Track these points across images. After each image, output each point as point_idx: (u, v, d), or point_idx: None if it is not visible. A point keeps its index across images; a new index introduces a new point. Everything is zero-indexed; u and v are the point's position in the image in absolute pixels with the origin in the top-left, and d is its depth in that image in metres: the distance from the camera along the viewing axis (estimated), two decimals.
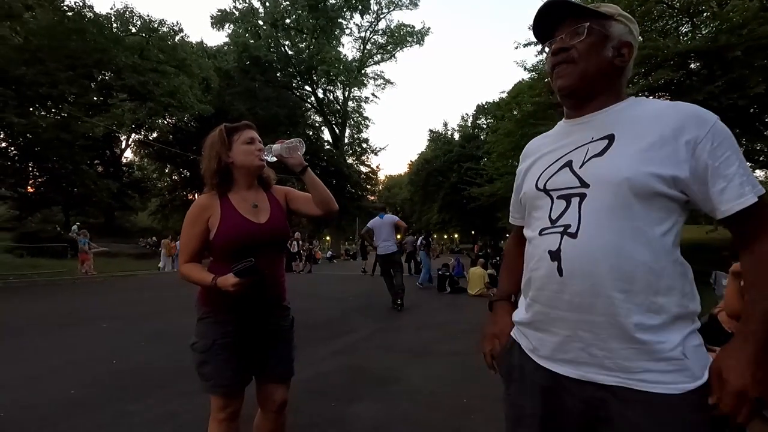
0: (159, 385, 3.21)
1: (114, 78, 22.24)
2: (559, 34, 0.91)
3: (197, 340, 1.53)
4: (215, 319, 1.53)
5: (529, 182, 0.97)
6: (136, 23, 24.41)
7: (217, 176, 1.56)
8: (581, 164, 0.86)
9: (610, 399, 0.79)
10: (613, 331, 0.78)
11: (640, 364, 0.77)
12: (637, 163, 0.79)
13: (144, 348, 4.36)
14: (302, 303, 7.92)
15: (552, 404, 0.88)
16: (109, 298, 8.38)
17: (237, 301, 1.47)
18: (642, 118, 0.85)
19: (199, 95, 24.47)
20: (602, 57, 0.88)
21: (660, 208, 0.80)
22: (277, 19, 30.62)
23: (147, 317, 6.16)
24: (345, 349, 4.44)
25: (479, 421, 2.68)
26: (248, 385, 1.64)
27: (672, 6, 11.50)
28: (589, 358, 0.81)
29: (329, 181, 32.71)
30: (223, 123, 1.66)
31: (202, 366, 1.52)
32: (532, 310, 0.92)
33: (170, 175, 34.11)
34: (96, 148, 24.28)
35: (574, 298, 0.81)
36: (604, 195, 0.81)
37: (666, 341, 0.77)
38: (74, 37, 18.65)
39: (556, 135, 1.01)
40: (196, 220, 1.53)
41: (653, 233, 0.79)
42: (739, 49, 8.56)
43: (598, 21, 0.88)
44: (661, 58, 9.81)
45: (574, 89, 0.91)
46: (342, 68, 32.54)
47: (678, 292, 0.80)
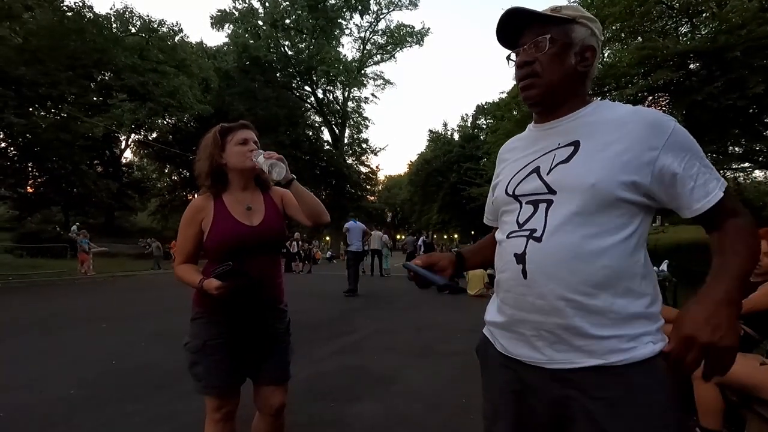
0: (158, 386, 3.21)
1: (114, 78, 22.26)
2: (523, 42, 0.91)
3: (189, 340, 1.53)
4: (208, 320, 1.52)
5: (500, 187, 1.00)
6: (135, 23, 24.43)
7: (210, 178, 1.55)
8: (548, 171, 0.89)
9: (573, 396, 0.81)
10: (574, 333, 0.81)
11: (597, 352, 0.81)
12: (602, 170, 0.82)
13: (143, 348, 4.36)
14: (302, 303, 7.92)
15: (522, 406, 0.90)
16: (108, 299, 8.38)
17: (227, 302, 1.45)
18: (605, 124, 0.87)
19: (198, 95, 24.48)
20: (566, 66, 0.89)
21: (623, 213, 0.83)
22: (277, 19, 30.61)
23: (146, 317, 6.16)
24: (345, 349, 4.44)
25: (479, 421, 2.67)
26: (248, 386, 1.64)
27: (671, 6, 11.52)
28: (554, 353, 0.84)
29: (329, 182, 32.75)
30: (221, 123, 1.65)
31: (193, 366, 1.52)
32: (501, 312, 0.94)
33: (170, 175, 34.10)
34: (96, 149, 24.29)
35: (537, 300, 0.84)
36: (570, 201, 0.83)
37: (624, 335, 0.80)
38: (74, 38, 18.66)
39: (525, 139, 1.03)
40: (190, 221, 1.53)
41: (616, 237, 0.82)
42: (738, 49, 8.57)
43: (560, 27, 0.89)
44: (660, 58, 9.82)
45: (539, 100, 0.93)
46: (342, 68, 32.53)
47: (639, 294, 0.83)
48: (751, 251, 0.80)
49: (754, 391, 1.79)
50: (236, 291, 1.41)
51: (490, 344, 1.02)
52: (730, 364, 0.72)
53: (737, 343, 0.72)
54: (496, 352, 0.97)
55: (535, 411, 0.88)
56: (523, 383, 0.89)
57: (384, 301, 8.24)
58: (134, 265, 16.70)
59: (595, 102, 0.93)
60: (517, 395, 0.91)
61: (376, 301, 8.25)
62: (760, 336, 2.10)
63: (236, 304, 1.49)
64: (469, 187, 22.66)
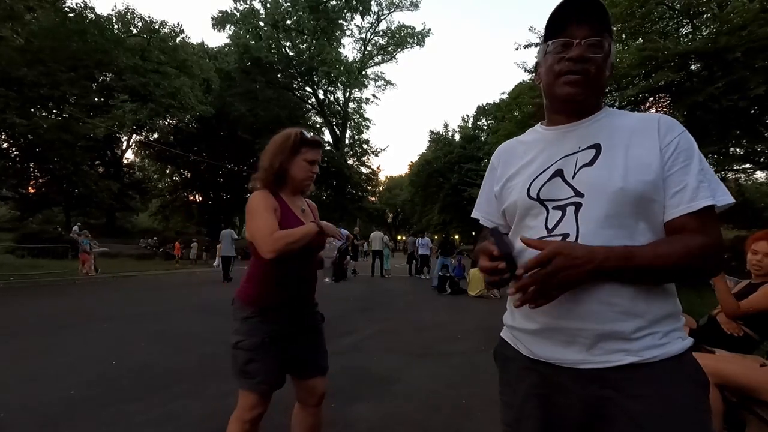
0: (160, 386, 3.21)
1: (115, 79, 22.32)
2: (581, 36, 0.87)
3: (243, 339, 1.55)
4: (262, 318, 1.57)
5: (517, 190, 0.96)
6: (137, 24, 24.51)
7: (273, 176, 1.61)
8: (573, 174, 0.88)
9: (610, 396, 0.80)
10: (614, 337, 0.81)
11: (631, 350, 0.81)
12: (628, 172, 0.83)
13: (145, 348, 4.37)
14: None
15: (549, 410, 0.88)
16: (109, 299, 8.39)
17: (284, 298, 1.58)
18: (621, 129, 0.89)
19: (200, 96, 24.55)
20: (605, 74, 0.91)
21: (651, 214, 0.84)
22: (278, 20, 30.69)
23: (148, 317, 6.16)
24: (345, 349, 4.44)
25: (480, 422, 2.68)
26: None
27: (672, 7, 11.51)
28: (588, 355, 0.83)
29: (330, 182, 32.76)
30: (301, 130, 1.66)
31: (248, 363, 1.54)
32: (531, 319, 0.91)
33: (171, 176, 34.17)
34: (97, 149, 24.35)
35: (575, 307, 0.82)
36: (600, 204, 0.83)
37: (657, 332, 0.81)
38: (75, 39, 18.72)
39: (536, 141, 1.01)
40: (269, 207, 1.54)
41: (647, 238, 0.83)
42: (739, 50, 8.56)
43: (608, 35, 0.88)
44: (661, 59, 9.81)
45: (581, 99, 0.91)
46: (343, 69, 32.62)
47: (671, 293, 0.85)
48: (684, 258, 0.79)
49: (754, 393, 1.78)
50: (343, 252, 1.52)
51: (510, 347, 0.99)
52: (556, 295, 0.79)
53: (576, 285, 0.78)
54: (519, 356, 0.95)
55: (565, 414, 0.85)
56: (552, 386, 0.87)
57: (384, 302, 8.23)
58: (136, 265, 16.72)
59: (606, 108, 0.95)
60: (543, 399, 0.88)
61: (377, 302, 8.24)
62: (760, 337, 2.10)
63: (291, 299, 1.60)
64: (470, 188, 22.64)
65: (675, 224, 0.83)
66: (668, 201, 0.83)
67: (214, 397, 2.98)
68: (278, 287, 1.58)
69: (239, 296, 1.62)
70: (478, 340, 4.92)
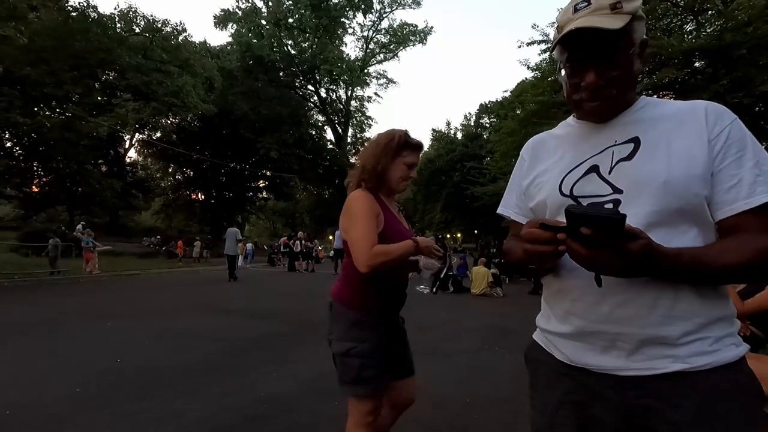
0: (164, 384, 3.22)
1: (118, 78, 22.36)
2: (593, 62, 0.80)
3: (355, 345, 1.50)
4: (372, 323, 1.54)
5: (548, 187, 0.90)
6: (139, 23, 24.51)
7: (374, 177, 1.59)
8: (610, 169, 0.82)
9: (652, 406, 0.75)
10: (658, 342, 0.76)
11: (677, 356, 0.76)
12: (670, 166, 0.77)
13: (149, 347, 4.38)
14: (306, 302, 7.94)
15: (585, 418, 0.83)
16: (113, 297, 8.42)
17: (386, 303, 1.59)
18: (661, 120, 0.83)
19: (202, 95, 24.57)
20: (633, 73, 0.83)
21: (696, 210, 0.77)
22: (280, 18, 30.67)
23: (151, 316, 6.18)
24: None
25: (483, 420, 2.68)
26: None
27: (676, 4, 11.44)
28: (629, 361, 0.78)
29: (332, 180, 32.79)
30: (405, 131, 1.64)
31: (364, 369, 1.50)
32: (567, 321, 0.86)
33: (174, 174, 34.28)
34: (100, 148, 24.42)
35: (616, 310, 0.78)
36: (642, 201, 0.77)
37: (708, 337, 0.75)
38: (78, 38, 18.75)
39: (569, 136, 0.95)
40: (374, 211, 1.52)
41: (692, 235, 0.77)
42: (744, 47, 8.51)
43: (628, 35, 0.79)
44: (665, 56, 9.76)
45: (607, 114, 0.87)
46: (345, 68, 32.55)
47: (721, 294, 0.78)
48: (754, 263, 0.72)
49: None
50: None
51: (543, 351, 0.93)
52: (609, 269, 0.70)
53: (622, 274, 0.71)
54: (552, 360, 0.90)
55: (602, 422, 0.80)
56: (589, 393, 0.82)
57: None
58: (139, 264, 16.78)
59: (643, 98, 0.88)
60: (578, 406, 0.83)
61: None
62: (766, 335, 2.09)
63: (395, 302, 1.62)
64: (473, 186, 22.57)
65: (731, 223, 0.76)
66: (722, 197, 0.76)
67: (218, 396, 2.99)
68: (379, 292, 1.56)
69: (340, 299, 1.58)
70: (481, 338, 4.92)
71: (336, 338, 1.55)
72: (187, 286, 10.79)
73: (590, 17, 0.78)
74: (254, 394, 3.03)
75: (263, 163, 30.45)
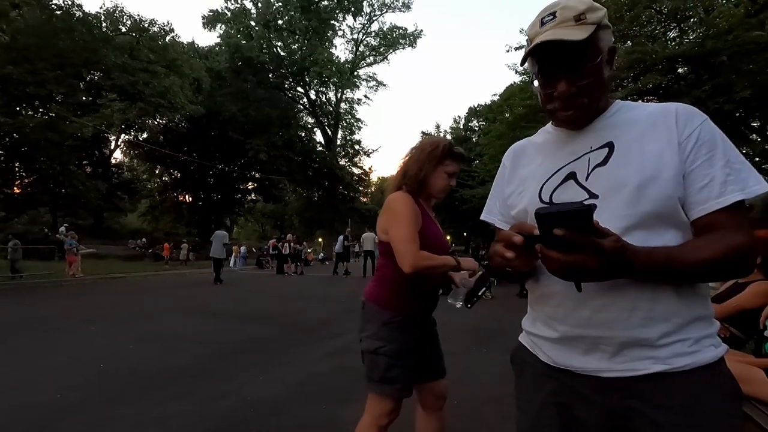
0: (148, 389, 3.17)
1: (103, 78, 22.02)
2: (562, 73, 0.82)
3: (384, 345, 1.54)
4: (402, 324, 1.57)
5: (528, 195, 0.92)
6: (126, 23, 24.22)
7: (416, 183, 1.63)
8: (586, 176, 0.84)
9: (634, 407, 0.77)
10: (638, 344, 0.77)
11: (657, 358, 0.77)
12: (644, 170, 0.78)
13: (133, 351, 4.30)
14: (294, 305, 7.89)
15: (568, 419, 0.85)
16: (97, 301, 8.26)
17: (420, 305, 1.63)
18: (635, 123, 0.84)
19: (190, 96, 24.31)
20: (604, 80, 0.85)
21: (675, 212, 0.78)
22: (270, 20, 30.51)
23: (136, 320, 6.08)
24: (337, 350, 4.42)
25: (470, 422, 2.68)
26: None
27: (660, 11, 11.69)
28: (612, 363, 0.79)
29: (321, 183, 32.64)
30: (449, 140, 1.71)
31: (390, 369, 1.53)
32: (550, 327, 0.88)
33: (160, 176, 33.80)
34: (85, 149, 23.97)
35: (596, 314, 0.79)
36: (617, 204, 0.79)
37: (687, 338, 0.76)
38: (62, 36, 18.45)
39: (547, 143, 0.97)
40: (416, 213, 1.57)
41: (668, 236, 0.78)
42: (725, 54, 8.73)
43: (595, 45, 0.80)
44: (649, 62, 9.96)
45: (581, 122, 0.89)
46: (334, 70, 32.48)
47: (699, 294, 0.80)
48: (726, 259, 0.73)
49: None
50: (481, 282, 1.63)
51: (528, 353, 0.95)
52: (586, 273, 0.69)
53: (599, 278, 0.71)
54: (537, 362, 0.91)
55: (585, 423, 0.82)
56: (572, 394, 0.83)
57: None
58: (124, 267, 16.50)
59: (617, 102, 0.90)
60: (562, 407, 0.85)
61: None
62: (746, 335, 2.14)
63: (427, 305, 1.66)
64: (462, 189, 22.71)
65: (704, 222, 0.77)
66: (694, 197, 0.77)
67: (203, 400, 2.95)
68: (412, 294, 1.59)
69: (374, 299, 1.62)
70: (468, 340, 4.93)
71: (366, 336, 1.59)
72: (174, 289, 10.64)
73: (556, 30, 0.80)
74: (241, 398, 3.00)
75: (252, 165, 30.19)
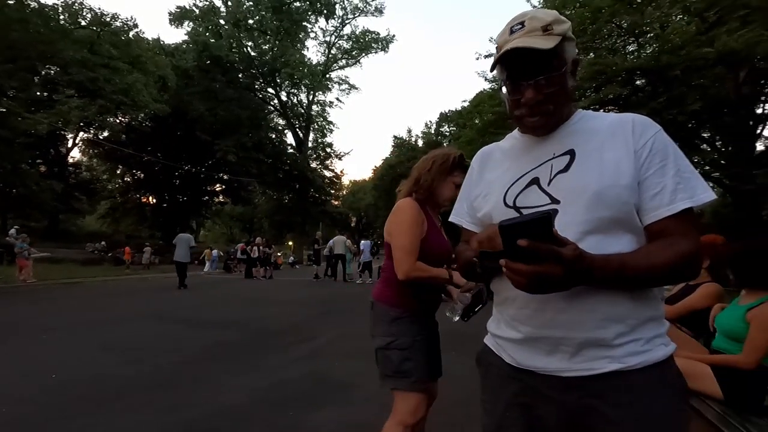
0: (105, 400, 3.01)
1: (60, 73, 20.94)
2: (529, 79, 0.85)
3: (395, 339, 1.60)
4: (411, 319, 1.64)
5: (493, 199, 0.95)
6: (86, 16, 23.12)
7: (426, 192, 1.70)
8: (549, 181, 0.88)
9: (593, 405, 0.80)
10: (596, 344, 0.80)
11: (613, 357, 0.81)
12: (602, 176, 0.82)
13: (90, 360, 4.08)
14: (263, 309, 7.73)
15: (531, 419, 0.87)
16: (51, 308, 7.81)
17: (424, 304, 1.68)
18: (595, 132, 0.88)
19: (154, 94, 23.44)
20: (568, 89, 0.89)
21: (630, 218, 0.83)
22: (240, 19, 29.95)
23: (94, 327, 5.78)
24: (306, 355, 4.36)
25: (440, 425, 2.70)
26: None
27: (620, 26, 12.29)
28: (571, 363, 0.82)
29: (292, 185, 32.24)
30: (461, 153, 1.76)
31: (404, 363, 1.57)
32: (513, 328, 0.90)
33: (122, 176, 32.41)
34: (39, 147, 22.73)
35: (558, 315, 0.82)
36: (576, 209, 0.82)
37: (640, 338, 0.81)
38: (16, 27, 17.37)
39: (513, 149, 1.00)
40: (419, 221, 1.64)
41: (625, 241, 0.82)
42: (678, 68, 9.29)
43: (560, 56, 0.85)
44: (610, 74, 10.45)
45: (546, 129, 0.92)
46: (306, 72, 32.21)
47: (652, 296, 0.84)
48: (676, 265, 0.78)
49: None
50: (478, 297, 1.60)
51: (493, 354, 0.97)
52: (550, 284, 0.72)
53: (565, 289, 0.74)
54: (502, 363, 0.94)
55: (547, 423, 0.85)
56: (535, 394, 0.86)
57: (346, 307, 8.18)
58: (81, 271, 15.68)
59: (579, 111, 0.95)
60: (525, 407, 0.88)
61: (339, 307, 8.18)
62: (696, 334, 2.26)
63: (431, 303, 1.70)
64: None
65: (656, 228, 0.82)
66: (647, 204, 0.82)
67: (165, 411, 2.83)
68: (415, 294, 1.65)
69: (381, 299, 1.70)
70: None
71: (377, 334, 1.65)
72: (135, 295, 10.20)
73: (524, 38, 0.84)
74: (205, 407, 2.90)
75: (220, 166, 29.42)
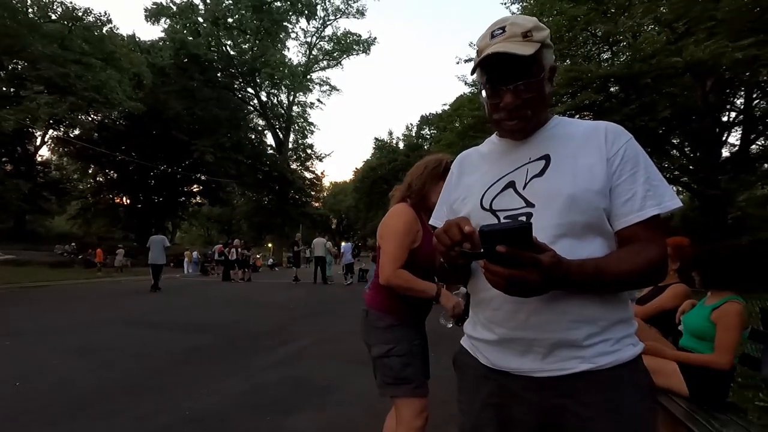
0: (75, 408, 2.90)
1: (28, 68, 20.13)
2: (509, 83, 0.87)
3: (394, 346, 1.60)
4: (405, 326, 1.65)
5: (471, 202, 0.97)
6: (56, 10, 22.33)
7: (419, 197, 1.70)
8: (524, 185, 0.90)
9: (565, 404, 0.82)
10: (568, 345, 0.82)
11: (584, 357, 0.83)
12: (576, 181, 0.85)
13: (57, 367, 3.93)
14: (240, 313, 7.61)
15: (505, 418, 0.89)
16: (15, 312, 7.48)
17: (418, 311, 1.69)
18: (570, 138, 0.91)
19: (129, 92, 22.80)
20: (546, 95, 0.92)
21: (602, 223, 0.85)
22: (219, 17, 29.50)
23: (61, 332, 5.56)
24: (285, 359, 4.31)
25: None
26: None
27: (595, 34, 12.66)
28: (544, 363, 0.84)
29: (272, 186, 31.87)
30: (452, 159, 1.74)
31: (404, 369, 1.58)
32: (489, 329, 0.92)
33: (94, 176, 31.35)
34: (4, 144, 21.78)
35: (531, 317, 0.83)
36: (550, 214, 0.84)
37: (610, 339, 0.83)
38: None
39: (491, 153, 1.02)
40: (411, 230, 1.64)
41: (597, 244, 0.85)
42: (649, 76, 9.62)
43: (538, 62, 0.87)
44: (585, 80, 10.74)
45: (524, 133, 0.94)
46: (287, 72, 31.96)
47: (622, 299, 0.87)
48: (645, 270, 0.82)
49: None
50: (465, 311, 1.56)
51: (469, 355, 0.99)
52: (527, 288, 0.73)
53: (541, 293, 0.76)
54: (477, 364, 0.95)
55: (521, 422, 0.87)
56: (509, 395, 0.88)
57: (326, 309, 8.13)
58: (50, 274, 15.07)
59: (556, 117, 0.97)
60: (500, 408, 0.90)
61: (318, 310, 8.12)
62: (665, 334, 2.33)
63: (422, 310, 1.71)
64: None
65: (626, 233, 0.84)
66: (618, 210, 0.85)
67: (138, 418, 2.75)
68: (406, 299, 1.64)
69: (375, 306, 1.70)
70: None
71: (374, 343, 1.66)
72: (106, 298, 9.87)
73: (505, 43, 0.85)
74: (179, 414, 2.83)
75: (197, 167, 28.80)
